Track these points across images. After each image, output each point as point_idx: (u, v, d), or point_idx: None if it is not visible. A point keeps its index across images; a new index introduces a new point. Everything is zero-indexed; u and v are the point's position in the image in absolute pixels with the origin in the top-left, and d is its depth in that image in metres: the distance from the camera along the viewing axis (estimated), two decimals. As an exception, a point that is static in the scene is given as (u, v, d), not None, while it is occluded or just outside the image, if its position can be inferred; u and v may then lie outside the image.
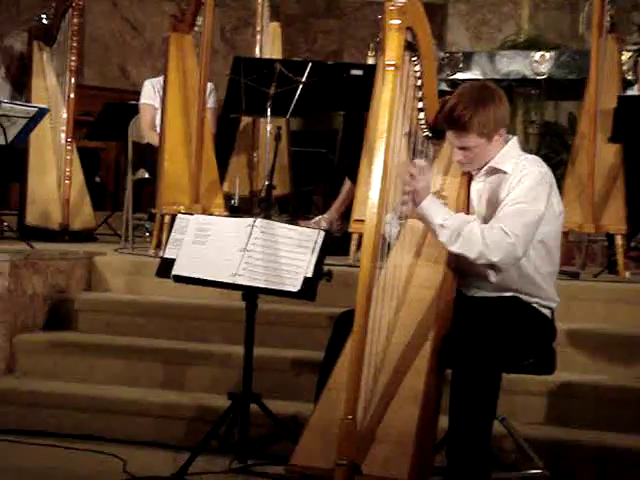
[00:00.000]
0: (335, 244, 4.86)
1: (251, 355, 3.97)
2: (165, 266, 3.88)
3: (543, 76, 6.71)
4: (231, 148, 6.98)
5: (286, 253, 3.74)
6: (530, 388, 4.20)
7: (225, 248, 3.81)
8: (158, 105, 6.40)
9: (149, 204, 6.61)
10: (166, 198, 5.71)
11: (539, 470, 3.84)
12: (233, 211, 6.42)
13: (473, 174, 3.63)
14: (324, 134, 8.04)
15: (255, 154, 6.91)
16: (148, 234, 6.81)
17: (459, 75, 6.73)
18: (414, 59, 3.48)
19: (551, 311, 3.63)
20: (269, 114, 6.31)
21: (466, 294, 3.56)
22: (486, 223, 3.49)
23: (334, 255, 4.86)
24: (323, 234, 3.76)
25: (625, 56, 5.99)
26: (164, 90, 5.94)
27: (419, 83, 3.54)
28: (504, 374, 3.40)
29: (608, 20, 5.49)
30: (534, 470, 3.85)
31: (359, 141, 5.58)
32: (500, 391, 3.36)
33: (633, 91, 6.05)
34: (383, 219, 3.21)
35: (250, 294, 3.91)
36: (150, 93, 6.65)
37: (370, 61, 7.17)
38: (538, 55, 6.72)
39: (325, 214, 6.31)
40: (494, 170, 3.57)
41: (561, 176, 3.61)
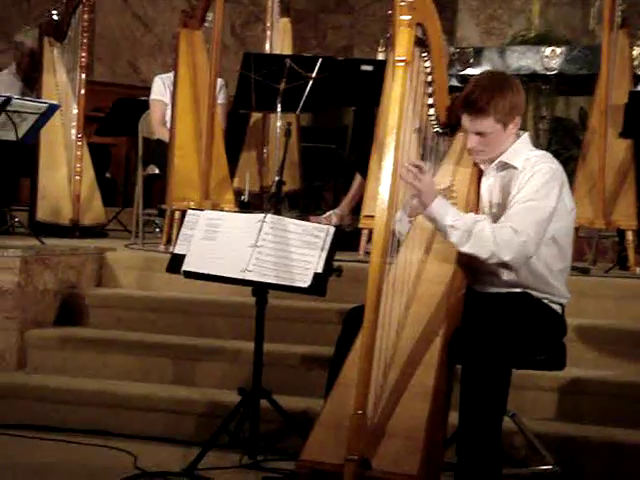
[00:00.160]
0: (345, 240, 4.87)
1: (261, 351, 3.98)
2: (175, 262, 3.89)
3: (554, 71, 6.70)
4: (241, 144, 6.98)
5: (296, 249, 3.74)
6: (540, 384, 4.20)
7: (235, 244, 3.81)
8: (168, 101, 6.40)
9: (159, 200, 6.62)
10: (176, 194, 5.72)
11: (549, 466, 3.85)
12: (243, 207, 6.43)
13: (483, 169, 3.63)
14: (334, 130, 8.04)
15: (265, 150, 6.91)
16: (158, 230, 6.82)
17: (469, 71, 6.72)
18: (424, 55, 3.48)
19: (562, 307, 3.63)
20: (279, 110, 6.31)
21: (476, 290, 3.56)
22: (496, 219, 3.49)
23: (344, 251, 4.86)
24: (333, 230, 3.76)
25: (636, 51, 5.99)
26: (174, 86, 5.94)
27: (429, 79, 3.54)
28: (514, 370, 3.40)
29: (619, 15, 5.49)
30: (544, 466, 3.86)
31: (369, 137, 5.58)
32: (510, 387, 3.36)
33: (644, 86, 6.05)
34: (393, 215, 3.21)
35: (260, 290, 3.92)
36: (160, 89, 6.66)
37: (380, 57, 7.17)
38: (549, 50, 6.71)
39: (335, 209, 6.32)
40: (504, 165, 3.57)
41: (572, 172, 3.60)
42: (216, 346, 4.72)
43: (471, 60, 6.86)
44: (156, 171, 6.71)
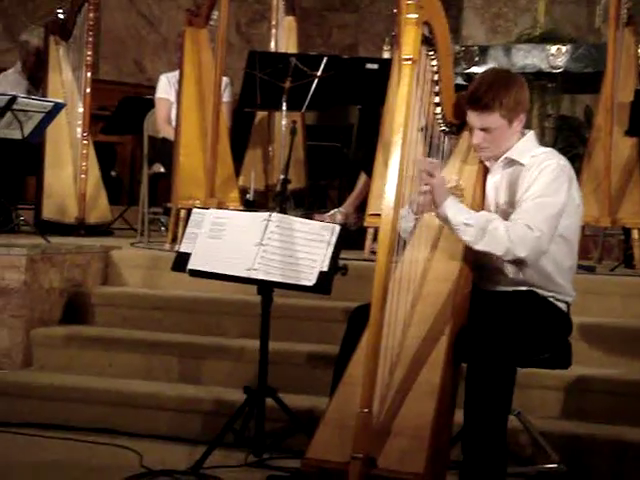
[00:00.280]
0: (350, 238, 4.86)
1: (266, 349, 3.98)
2: (181, 260, 3.89)
3: (559, 69, 6.68)
4: (246, 142, 6.98)
5: (301, 247, 3.74)
6: (546, 382, 4.19)
7: (241, 242, 3.82)
8: (174, 99, 6.41)
9: (165, 198, 6.63)
10: (182, 192, 5.72)
11: (555, 464, 3.85)
12: (248, 205, 6.43)
13: (489, 166, 3.63)
14: (339, 128, 8.03)
15: (270, 148, 6.91)
16: (164, 228, 6.82)
17: (475, 69, 6.70)
18: (431, 54, 3.48)
19: (567, 305, 3.62)
20: (284, 108, 6.31)
21: (482, 288, 3.55)
22: (504, 216, 3.49)
23: (349, 249, 4.86)
24: (338, 228, 3.76)
25: (642, 49, 5.95)
26: (180, 84, 5.94)
27: (436, 78, 3.54)
28: (520, 368, 3.40)
29: (625, 13, 5.48)
30: (550, 464, 3.85)
31: (374, 135, 5.58)
32: (516, 385, 3.35)
33: (650, 84, 6.02)
34: (399, 213, 3.21)
35: (265, 288, 3.92)
36: (166, 87, 6.66)
37: (385, 55, 7.16)
38: (554, 48, 6.69)
39: (341, 208, 6.32)
40: (511, 162, 3.57)
41: (577, 170, 3.59)
42: (222, 344, 4.73)
43: (476, 58, 6.85)
44: (161, 169, 6.72)
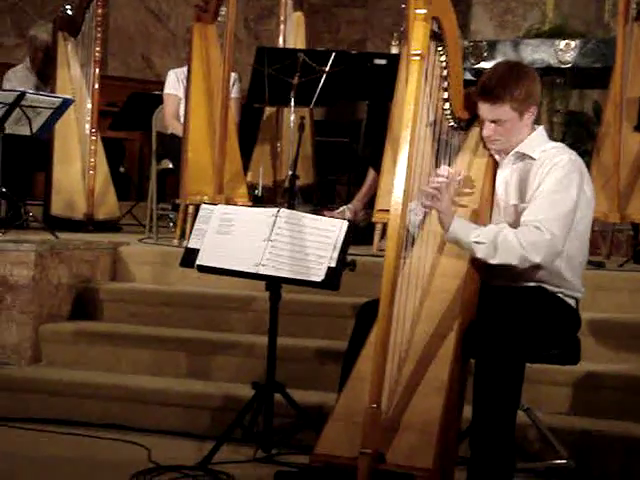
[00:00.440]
0: (359, 234, 4.86)
1: (275, 345, 3.98)
2: (189, 256, 3.89)
3: (568, 65, 6.66)
4: (255, 138, 6.98)
5: (310, 243, 3.74)
6: (555, 378, 4.19)
7: (249, 238, 3.81)
8: (182, 95, 6.41)
9: (173, 194, 6.63)
10: (190, 188, 5.72)
11: (563, 460, 3.84)
12: (257, 201, 6.43)
13: (499, 161, 3.62)
14: (348, 124, 8.03)
15: (279, 144, 6.91)
16: (172, 224, 6.83)
17: (483, 64, 6.68)
18: (440, 49, 3.47)
19: (576, 301, 3.62)
20: (293, 104, 6.31)
21: (491, 284, 3.54)
22: (513, 212, 3.49)
23: (358, 245, 4.86)
24: (347, 224, 3.76)
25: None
26: (188, 80, 5.95)
27: (444, 73, 3.53)
28: (529, 364, 3.39)
29: (634, 8, 5.46)
30: (559, 460, 3.85)
31: (383, 131, 5.56)
32: (524, 381, 3.35)
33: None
34: (407, 209, 3.20)
35: (274, 284, 3.92)
36: (174, 83, 6.66)
37: (394, 50, 7.15)
38: (563, 44, 6.67)
39: (349, 204, 6.31)
40: (522, 156, 3.56)
41: (586, 165, 3.58)
42: (230, 340, 4.73)
43: (485, 54, 6.83)
44: (170, 165, 6.72)
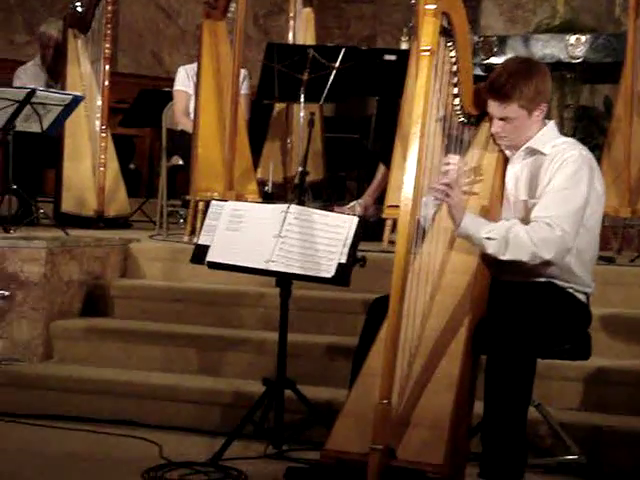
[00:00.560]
0: (369, 230, 4.86)
1: (285, 341, 3.98)
2: (199, 252, 3.89)
3: (578, 59, 6.63)
4: (265, 134, 6.98)
5: (320, 239, 3.74)
6: (566, 374, 4.18)
7: (259, 234, 3.81)
8: (192, 92, 6.41)
9: (183, 191, 6.63)
10: (200, 185, 5.72)
11: (575, 456, 3.83)
12: (267, 197, 6.43)
13: (509, 156, 3.61)
14: (357, 120, 8.03)
15: (289, 140, 6.91)
16: (182, 221, 6.83)
17: (493, 60, 6.67)
18: (449, 44, 3.47)
19: (586, 296, 3.61)
20: (302, 100, 6.31)
21: (501, 279, 3.54)
22: (523, 207, 3.48)
23: (368, 241, 4.85)
24: (357, 220, 3.75)
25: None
26: (198, 77, 5.94)
27: (454, 69, 3.53)
28: (539, 359, 3.39)
29: (645, 2, 5.43)
30: (570, 456, 3.84)
31: (393, 126, 5.56)
32: (535, 377, 3.35)
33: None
34: (418, 205, 3.20)
35: (284, 280, 3.92)
36: (184, 80, 6.66)
37: (403, 46, 7.15)
38: (573, 38, 6.64)
39: (359, 200, 6.31)
40: (532, 151, 3.55)
41: (597, 160, 3.57)
42: (241, 336, 4.73)
43: (495, 49, 6.81)
44: (180, 162, 6.72)
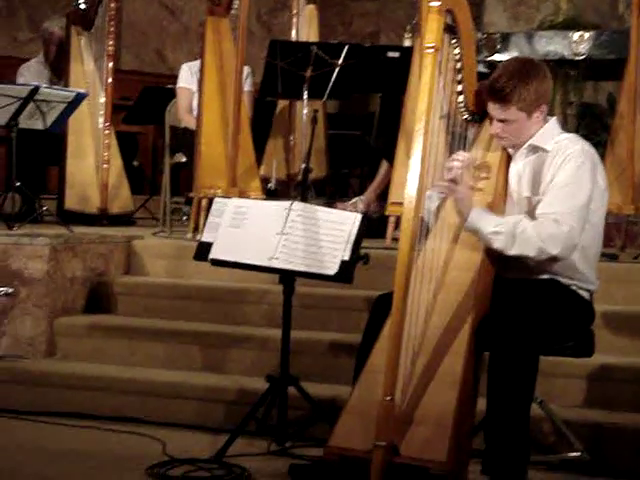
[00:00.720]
0: (372, 227, 4.86)
1: (288, 338, 3.99)
2: (203, 250, 3.90)
3: (582, 56, 6.63)
4: (268, 131, 6.98)
5: (323, 236, 3.74)
6: (569, 371, 4.18)
7: (262, 231, 3.82)
8: (195, 89, 6.41)
9: (187, 188, 6.63)
10: (203, 182, 5.73)
11: (578, 453, 3.84)
12: (270, 194, 6.43)
13: (511, 153, 3.61)
14: (361, 116, 8.02)
15: (292, 137, 6.91)
16: (186, 218, 6.83)
17: (497, 56, 6.67)
18: (453, 41, 3.46)
19: (590, 293, 3.61)
20: (306, 97, 6.31)
21: (504, 277, 3.54)
22: (527, 204, 3.48)
23: (371, 238, 4.86)
24: (360, 217, 3.76)
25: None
26: (201, 74, 5.94)
27: (458, 66, 3.52)
28: (542, 357, 3.39)
29: (649, -1, 5.42)
30: (573, 453, 3.84)
31: (396, 123, 5.56)
32: (538, 374, 3.35)
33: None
34: (422, 202, 3.20)
35: (287, 277, 3.92)
36: (187, 77, 6.66)
37: (407, 43, 7.14)
38: (577, 35, 6.64)
39: (362, 196, 6.31)
40: (534, 148, 3.55)
41: (600, 157, 3.57)
42: (244, 333, 4.73)
43: (498, 46, 6.80)
44: (183, 159, 6.73)
